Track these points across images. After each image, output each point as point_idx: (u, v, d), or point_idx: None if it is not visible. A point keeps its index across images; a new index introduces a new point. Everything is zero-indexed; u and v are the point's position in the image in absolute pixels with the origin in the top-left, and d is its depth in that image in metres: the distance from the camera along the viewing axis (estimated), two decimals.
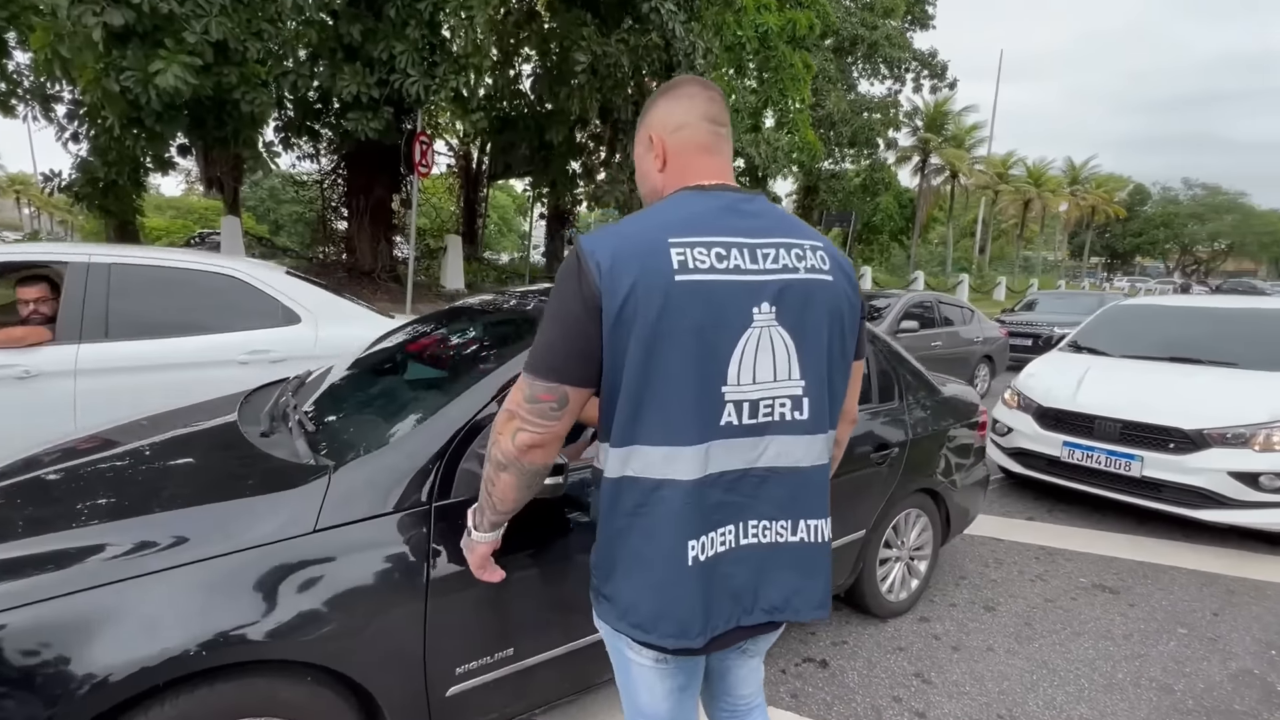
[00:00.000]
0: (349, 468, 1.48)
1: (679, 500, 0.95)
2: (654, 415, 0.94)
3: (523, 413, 0.98)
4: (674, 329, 0.91)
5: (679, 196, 1.02)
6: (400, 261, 11.37)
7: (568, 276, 0.95)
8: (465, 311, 2.41)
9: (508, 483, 1.03)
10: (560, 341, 0.95)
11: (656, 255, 0.93)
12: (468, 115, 6.33)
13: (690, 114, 1.05)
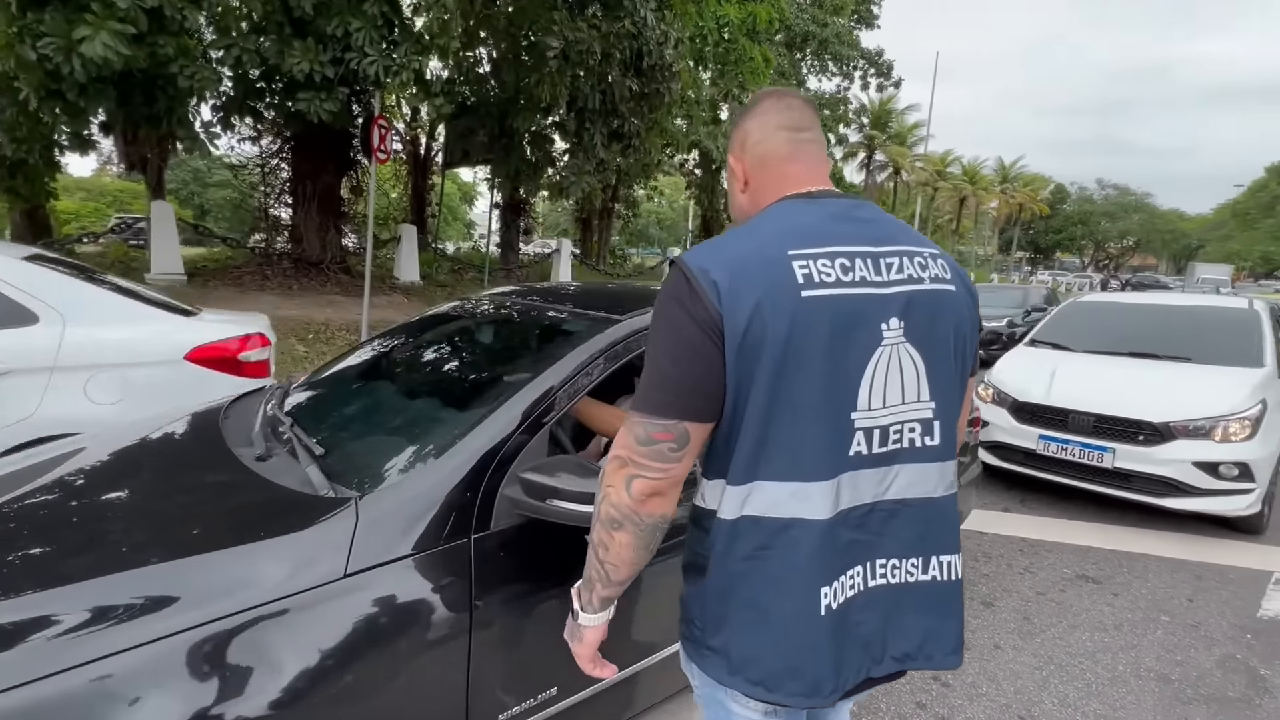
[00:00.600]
0: (376, 497, 1.31)
1: (811, 542, 0.86)
2: (780, 448, 0.85)
3: (636, 457, 0.86)
4: (803, 351, 0.83)
5: (785, 206, 0.94)
6: (351, 252, 10.80)
7: (676, 300, 0.85)
8: (465, 315, 2.23)
9: (625, 543, 0.89)
10: (675, 373, 0.84)
11: (779, 269, 0.84)
12: (431, 99, 5.98)
13: (764, 127, 1.00)
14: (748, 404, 0.84)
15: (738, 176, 1.03)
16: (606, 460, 0.91)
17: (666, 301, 0.86)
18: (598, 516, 0.91)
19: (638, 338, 1.71)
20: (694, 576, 0.95)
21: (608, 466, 0.90)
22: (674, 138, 11.96)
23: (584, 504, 1.31)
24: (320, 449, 1.51)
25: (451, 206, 37.39)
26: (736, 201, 1.06)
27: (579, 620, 1.00)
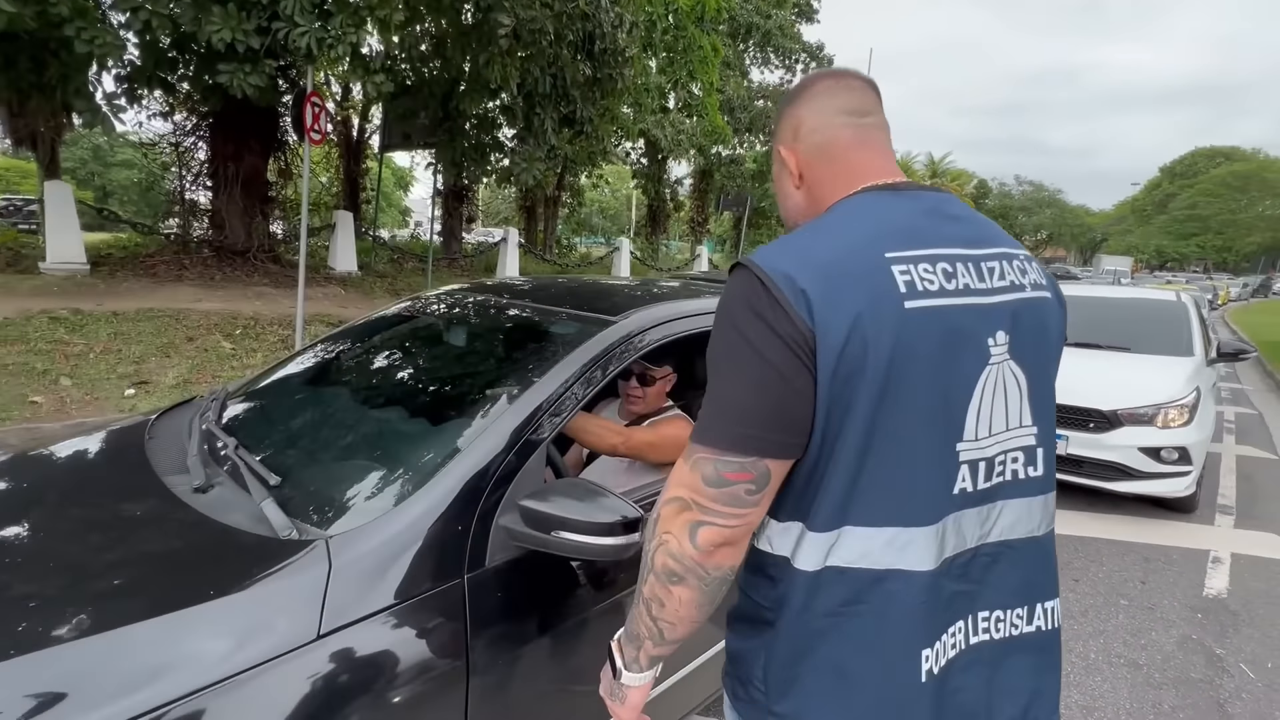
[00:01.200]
0: (350, 537, 1.10)
1: (911, 597, 0.73)
2: (877, 487, 0.72)
3: (704, 500, 0.72)
4: (907, 372, 0.70)
5: (867, 199, 0.80)
6: (280, 240, 10.05)
7: (752, 311, 0.70)
8: (425, 315, 2.01)
9: (686, 600, 0.75)
10: (755, 402, 0.70)
11: (878, 276, 0.71)
12: (369, 76, 5.54)
13: (822, 113, 0.86)
14: (841, 436, 0.70)
15: (790, 171, 0.89)
16: (661, 500, 0.76)
17: (739, 312, 0.71)
18: (650, 567, 0.76)
19: (635, 341, 1.56)
20: (752, 629, 0.82)
21: (663, 510, 0.75)
22: (623, 125, 11.73)
23: (596, 535, 1.15)
24: (275, 476, 1.28)
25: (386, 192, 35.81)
26: (790, 200, 0.91)
27: (621, 680, 0.85)
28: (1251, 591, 3.20)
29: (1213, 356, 4.68)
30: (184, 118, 9.95)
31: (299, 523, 1.15)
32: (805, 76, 0.92)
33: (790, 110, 0.90)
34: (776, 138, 0.91)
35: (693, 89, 13.88)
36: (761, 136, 23.40)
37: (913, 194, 0.81)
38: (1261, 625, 2.88)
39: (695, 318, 1.76)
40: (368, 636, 1.02)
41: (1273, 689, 2.42)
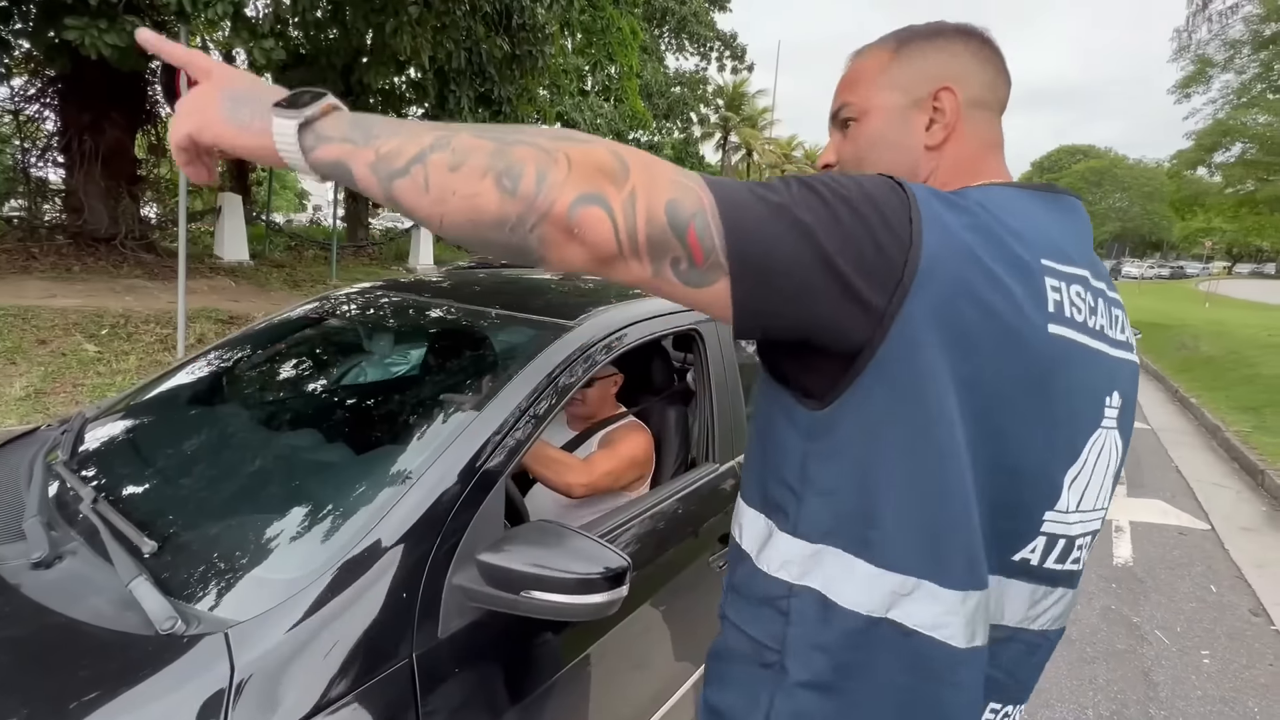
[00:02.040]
0: (259, 625, 0.85)
1: (973, 685, 0.60)
2: (961, 540, 0.57)
3: (640, 213, 0.50)
4: (1024, 407, 0.56)
5: (1011, 194, 0.63)
6: (155, 226, 8.90)
7: (869, 194, 0.53)
8: (339, 317, 1.72)
9: (473, 194, 0.50)
10: (789, 224, 0.51)
11: (1029, 277, 0.56)
12: (257, 41, 4.87)
13: (988, 87, 0.68)
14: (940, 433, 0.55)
15: (944, 120, 0.66)
16: (599, 143, 0.52)
17: (872, 184, 0.54)
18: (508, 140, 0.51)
19: (597, 349, 1.37)
20: (748, 676, 0.64)
21: (596, 148, 0.51)
22: (541, 107, 11.30)
23: (576, 594, 0.96)
24: (150, 542, 0.99)
25: (279, 174, 33.08)
26: (907, 152, 0.68)
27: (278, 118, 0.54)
28: (1152, 558, 3.47)
29: None
30: (25, 82, 8.54)
31: (188, 608, 0.88)
32: (972, 25, 0.70)
33: (957, 50, 0.68)
34: (927, 69, 0.67)
35: (611, 72, 13.59)
36: (679, 124, 23.44)
37: (1053, 196, 0.65)
38: (1165, 590, 3.12)
39: (655, 320, 1.59)
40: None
41: (1185, 652, 2.61)
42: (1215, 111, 14.09)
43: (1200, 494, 4.53)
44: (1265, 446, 5.30)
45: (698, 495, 1.58)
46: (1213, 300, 23.81)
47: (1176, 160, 15.42)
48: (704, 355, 1.75)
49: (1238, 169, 13.78)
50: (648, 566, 1.37)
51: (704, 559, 1.55)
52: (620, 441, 1.67)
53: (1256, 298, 27.15)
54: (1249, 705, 2.29)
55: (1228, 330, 12.90)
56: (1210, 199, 15.36)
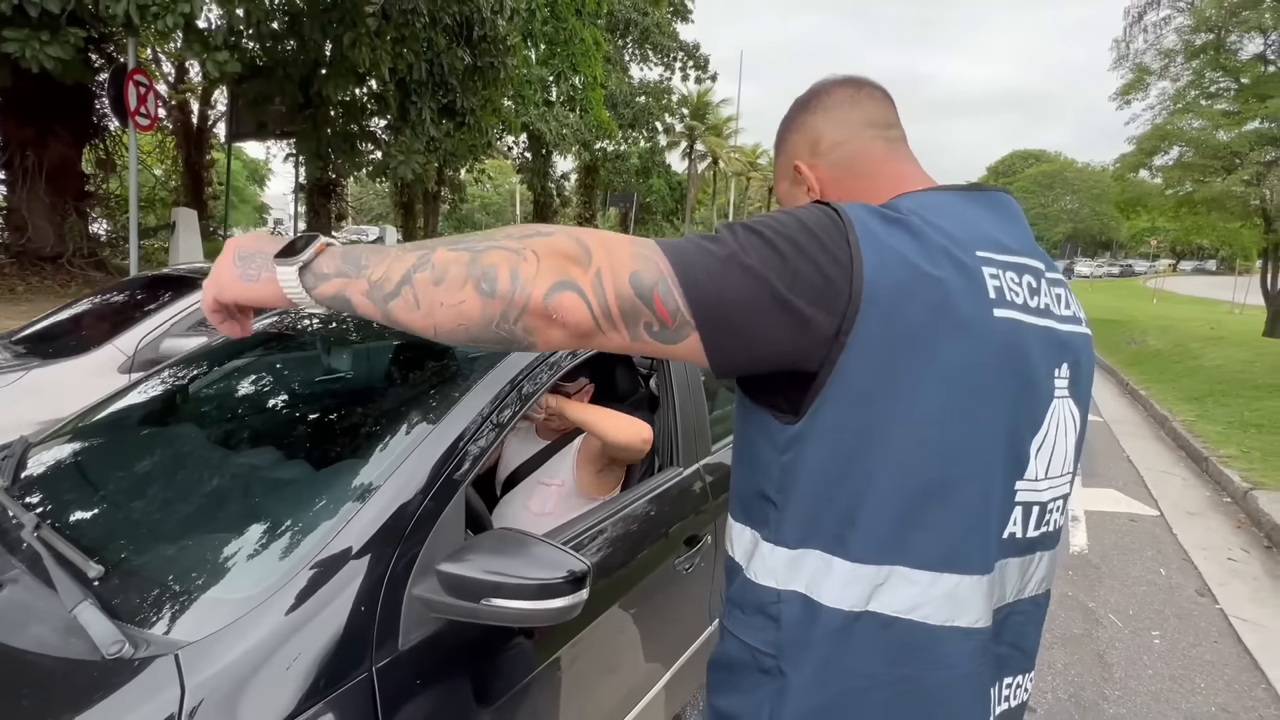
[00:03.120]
0: (211, 646, 0.84)
1: (970, 663, 0.63)
2: (933, 523, 0.60)
3: (607, 285, 0.55)
4: (985, 388, 0.60)
5: (938, 197, 0.68)
6: (105, 243, 8.60)
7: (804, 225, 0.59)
8: (296, 331, 1.70)
9: (456, 305, 0.56)
10: (749, 273, 0.56)
11: (966, 270, 0.61)
12: (210, 53, 4.76)
13: (845, 125, 0.77)
14: (885, 437, 0.59)
15: (811, 187, 0.78)
16: (556, 231, 0.58)
17: (803, 217, 0.59)
18: (474, 250, 0.57)
19: (566, 354, 1.38)
20: (748, 681, 0.67)
21: (555, 239, 0.56)
22: (506, 118, 11.28)
23: (539, 600, 0.97)
24: (96, 566, 0.96)
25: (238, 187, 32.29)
26: None
27: (279, 268, 0.61)
28: (1106, 545, 3.61)
29: None
30: None
31: (136, 631, 0.86)
32: (815, 85, 0.80)
33: (804, 121, 0.79)
34: (787, 153, 0.81)
35: (575, 82, 13.65)
36: (645, 132, 23.65)
37: (982, 194, 0.70)
38: (1119, 576, 3.24)
39: None
40: None
41: (1137, 634, 2.71)
42: (1154, 117, 14.82)
43: (1150, 481, 4.73)
44: (1208, 434, 5.56)
45: (663, 498, 1.60)
46: (1160, 297, 24.91)
47: (1120, 164, 16.11)
48: (666, 361, 1.77)
49: (1176, 171, 14.48)
50: (614, 570, 1.38)
51: (670, 562, 1.56)
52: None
53: (1200, 293, 28.52)
54: (1196, 681, 2.40)
55: (1174, 325, 13.51)
56: (1152, 200, 16.08)
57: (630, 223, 24.53)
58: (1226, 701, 2.28)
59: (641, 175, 27.29)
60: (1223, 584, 3.16)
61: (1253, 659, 2.54)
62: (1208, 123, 13.49)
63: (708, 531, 1.72)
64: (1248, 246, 15.50)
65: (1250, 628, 2.76)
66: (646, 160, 26.79)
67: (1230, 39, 13.61)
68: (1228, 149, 13.14)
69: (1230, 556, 3.48)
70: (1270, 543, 3.64)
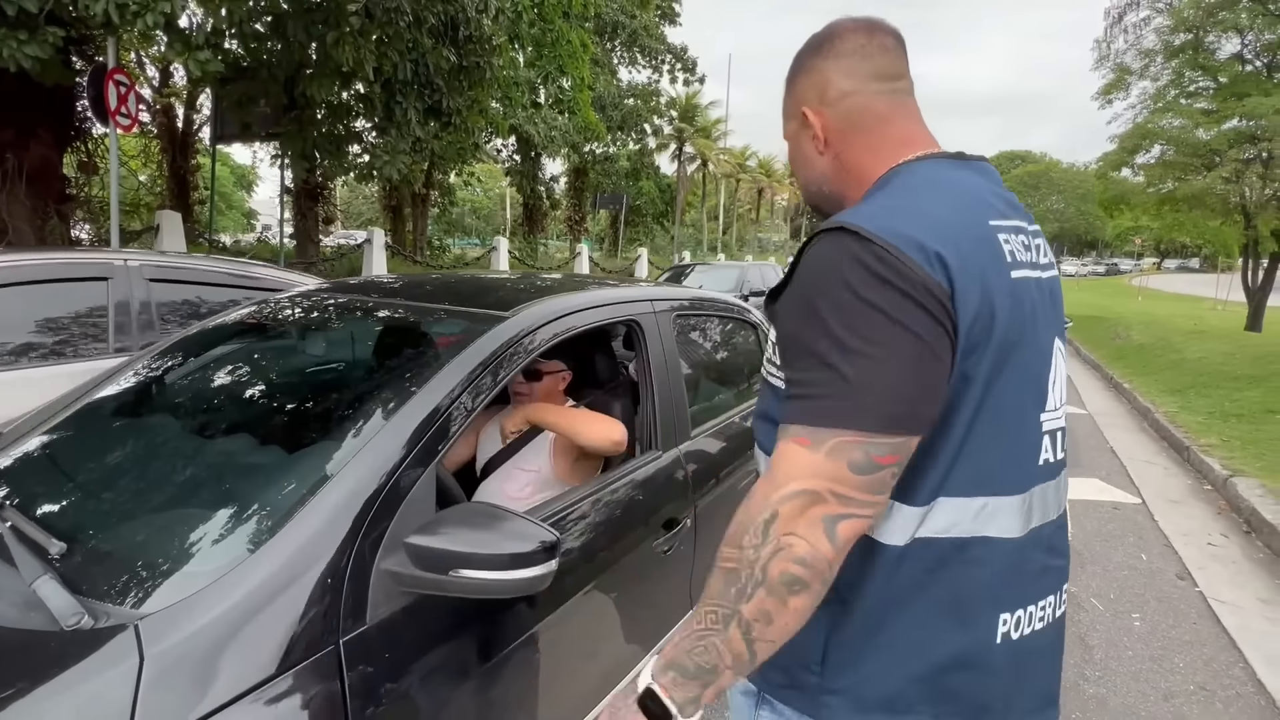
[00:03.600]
0: (171, 616, 0.84)
1: (995, 563, 0.71)
2: (975, 459, 0.70)
3: (848, 489, 0.63)
4: (1017, 343, 0.70)
5: (940, 167, 0.76)
6: (86, 246, 8.50)
7: (877, 278, 0.64)
8: (274, 322, 1.70)
9: (802, 609, 0.64)
10: (905, 376, 0.64)
11: (992, 243, 0.70)
12: (191, 53, 4.73)
13: (853, 75, 0.79)
14: (957, 408, 0.67)
15: (816, 134, 0.81)
16: (773, 497, 0.64)
17: (860, 277, 0.64)
18: (761, 579, 0.64)
19: (529, 340, 1.39)
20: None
21: (783, 508, 0.63)
22: (494, 120, 11.26)
23: (508, 569, 0.97)
24: (58, 543, 0.96)
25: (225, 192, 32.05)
26: (813, 166, 0.84)
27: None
28: (1089, 532, 3.64)
29: None
30: None
31: (96, 604, 0.86)
32: (832, 24, 0.81)
33: (815, 65, 0.81)
34: (796, 94, 0.83)
35: (563, 84, 13.65)
36: (634, 135, 23.68)
37: (973, 165, 0.78)
38: (1101, 561, 3.27)
39: (592, 310, 1.62)
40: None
41: (1118, 616, 2.74)
42: (1135, 116, 15.02)
43: (1133, 471, 4.78)
44: (1189, 425, 5.63)
45: (640, 482, 1.60)
46: (1144, 294, 25.23)
47: (1102, 162, 16.31)
48: (644, 346, 1.78)
49: (1158, 169, 14.67)
50: (588, 551, 1.38)
51: (648, 544, 1.57)
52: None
53: (1184, 290, 28.90)
54: (1175, 661, 2.42)
55: (1158, 320, 13.68)
56: (1134, 198, 16.28)
57: (620, 224, 24.54)
58: (1205, 680, 2.31)
59: (631, 178, 27.33)
60: (1202, 568, 3.19)
61: (1231, 639, 2.57)
62: (1187, 121, 13.69)
63: (687, 515, 1.72)
64: (1228, 243, 15.70)
65: (1229, 609, 2.80)
66: (636, 162, 26.84)
67: (1208, 39, 13.84)
68: (1207, 147, 13.35)
69: (1210, 541, 3.52)
70: (1249, 527, 3.69)
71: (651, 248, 30.70)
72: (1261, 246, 14.26)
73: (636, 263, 20.25)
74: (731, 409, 2.19)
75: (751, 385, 2.47)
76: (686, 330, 2.17)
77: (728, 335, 2.49)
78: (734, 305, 2.49)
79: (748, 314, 2.55)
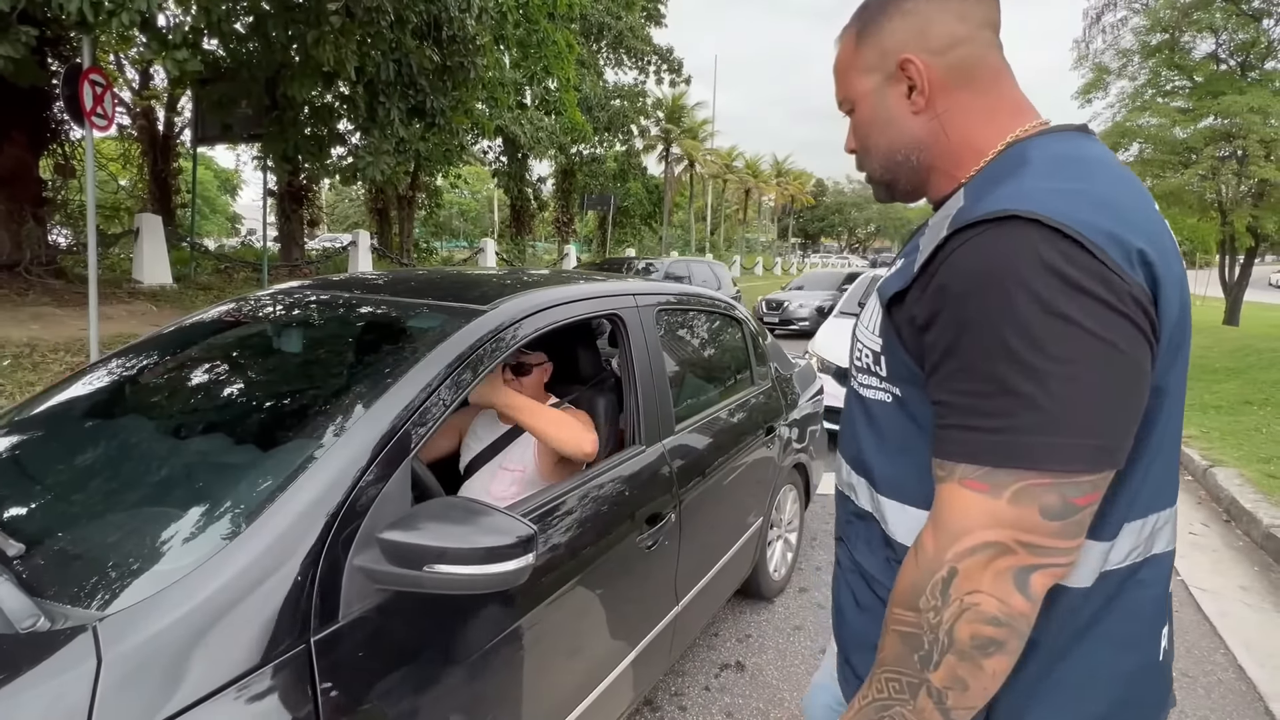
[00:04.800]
0: (132, 618, 0.81)
1: (1161, 581, 0.67)
2: (1154, 477, 0.63)
3: (1041, 538, 0.55)
4: (1183, 343, 0.62)
5: (1083, 142, 0.64)
6: (66, 251, 8.36)
7: (1071, 285, 0.52)
8: (249, 319, 1.67)
9: (1000, 670, 0.57)
10: (1108, 396, 0.54)
11: (1168, 234, 0.61)
12: (169, 52, 4.64)
13: (965, 20, 0.66)
14: (1154, 426, 0.59)
15: (920, 87, 0.67)
16: (949, 552, 0.57)
17: (1052, 284, 0.52)
18: (946, 645, 0.56)
19: (508, 334, 1.37)
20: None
21: (963, 565, 0.56)
22: (479, 121, 11.19)
23: (484, 564, 0.95)
24: (16, 544, 0.93)
25: (208, 196, 31.70)
26: (901, 128, 0.70)
27: None
28: None
29: None
30: None
31: (53, 605, 0.83)
32: None
33: (916, 5, 0.67)
34: (885, 40, 0.68)
35: (549, 85, 13.61)
36: (620, 136, 23.67)
37: (1097, 140, 0.68)
38: None
39: (572, 304, 1.60)
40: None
41: None
42: (1114, 115, 15.23)
43: None
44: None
45: (625, 477, 1.59)
46: None
47: None
48: (627, 340, 1.76)
49: (1137, 167, 14.89)
50: (570, 546, 1.36)
51: (632, 539, 1.55)
52: (570, 415, 1.67)
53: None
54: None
55: None
56: None
57: (608, 225, 24.51)
58: (1186, 666, 2.33)
59: (619, 179, 27.32)
60: (1183, 556, 3.23)
61: (1211, 626, 2.60)
62: (1165, 120, 13.90)
63: (670, 511, 1.71)
64: (1206, 240, 15.96)
65: (1210, 596, 2.83)
66: (623, 164, 26.83)
67: (1184, 39, 14.06)
68: (1184, 145, 13.56)
69: (1191, 531, 3.56)
70: (1229, 516, 3.74)
71: (640, 249, 30.69)
72: (1238, 242, 14.50)
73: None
74: (717, 404, 2.19)
75: (737, 380, 2.47)
76: (671, 325, 2.16)
77: (713, 330, 2.49)
78: (720, 300, 2.49)
79: (734, 309, 2.55)
